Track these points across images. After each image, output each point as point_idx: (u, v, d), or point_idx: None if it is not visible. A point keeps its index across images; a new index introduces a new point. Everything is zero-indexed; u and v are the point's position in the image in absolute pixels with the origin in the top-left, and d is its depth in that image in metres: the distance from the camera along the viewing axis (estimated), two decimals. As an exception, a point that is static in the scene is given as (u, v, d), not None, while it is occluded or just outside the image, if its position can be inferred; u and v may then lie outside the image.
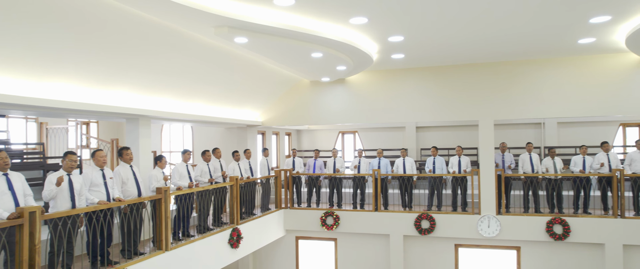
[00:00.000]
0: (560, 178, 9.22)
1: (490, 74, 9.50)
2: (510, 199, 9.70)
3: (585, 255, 8.91)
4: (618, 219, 8.59)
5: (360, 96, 10.42)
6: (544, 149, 12.21)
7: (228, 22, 5.83)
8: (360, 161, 10.44)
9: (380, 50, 8.09)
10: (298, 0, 5.41)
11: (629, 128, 12.24)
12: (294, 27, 6.22)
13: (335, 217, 9.90)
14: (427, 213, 9.44)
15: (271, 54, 7.68)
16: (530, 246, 9.22)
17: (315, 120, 10.88)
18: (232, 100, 9.71)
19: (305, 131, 14.90)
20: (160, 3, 5.12)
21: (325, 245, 10.47)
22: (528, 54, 8.80)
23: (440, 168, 9.94)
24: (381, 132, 14.00)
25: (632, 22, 6.51)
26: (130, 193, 6.29)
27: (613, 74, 8.89)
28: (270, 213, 9.79)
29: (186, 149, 7.80)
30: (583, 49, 8.30)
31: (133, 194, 6.31)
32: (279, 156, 13.43)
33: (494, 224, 9.15)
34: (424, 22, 6.44)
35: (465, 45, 7.86)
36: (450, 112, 9.80)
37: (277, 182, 10.27)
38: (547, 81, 9.22)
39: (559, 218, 8.79)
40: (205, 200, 7.71)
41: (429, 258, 9.74)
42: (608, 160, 9.06)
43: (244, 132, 11.39)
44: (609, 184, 8.91)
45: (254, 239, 8.91)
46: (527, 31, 7.01)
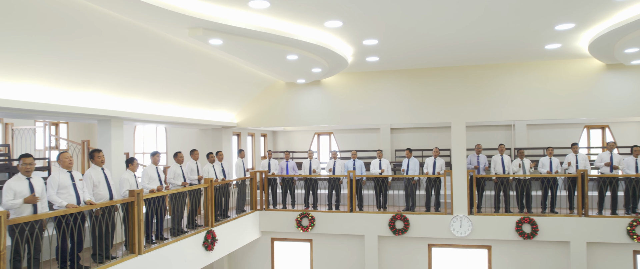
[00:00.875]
0: (529, 179, 9.51)
1: (462, 77, 9.72)
2: (482, 200, 9.95)
3: (552, 253, 9.21)
4: (582, 218, 8.91)
5: (335, 98, 10.50)
6: (514, 150, 12.56)
7: (202, 24, 5.79)
8: (335, 162, 10.52)
9: (355, 53, 8.18)
10: (273, 3, 5.43)
11: (592, 130, 12.72)
12: (269, 29, 6.24)
13: (311, 218, 9.94)
14: (401, 214, 9.59)
15: (246, 56, 7.67)
16: (501, 245, 9.48)
17: (291, 121, 10.90)
18: (207, 101, 9.63)
19: (281, 132, 14.89)
20: (133, 4, 5.05)
21: (301, 246, 10.50)
22: (498, 58, 9.05)
23: (414, 170, 10.10)
24: (356, 134, 14.12)
25: (594, 30, 6.79)
26: (101, 196, 6.18)
27: (578, 78, 9.23)
28: (246, 214, 9.76)
29: (155, 151, 7.70)
30: (550, 54, 8.59)
31: (105, 197, 6.21)
32: (255, 158, 13.39)
33: (466, 224, 9.36)
34: (397, 27, 6.55)
35: (438, 49, 8.03)
36: (423, 114, 9.98)
37: (253, 183, 10.25)
38: (516, 85, 9.50)
39: (528, 218, 9.06)
40: (179, 202, 7.63)
41: (403, 257, 9.89)
42: (576, 161, 9.40)
43: (218, 133, 11.31)
44: (574, 184, 9.24)
45: (229, 241, 8.86)
46: (497, 36, 7.22)
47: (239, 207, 9.93)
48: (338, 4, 5.49)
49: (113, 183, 6.40)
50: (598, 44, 7.18)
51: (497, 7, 5.76)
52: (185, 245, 7.43)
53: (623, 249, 8.89)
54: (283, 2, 5.42)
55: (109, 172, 6.45)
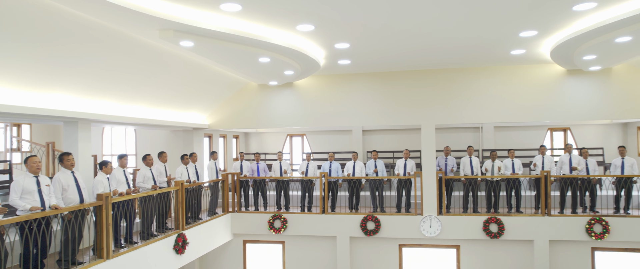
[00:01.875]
0: (498, 180, 9.80)
1: (432, 80, 9.94)
2: (451, 200, 10.19)
3: (517, 251, 9.53)
4: (545, 217, 9.26)
5: (308, 100, 10.55)
6: (482, 151, 12.91)
7: (173, 26, 5.74)
8: (307, 164, 10.57)
9: (327, 56, 8.26)
10: (245, 6, 5.44)
11: (555, 132, 13.22)
12: (241, 32, 6.24)
13: (283, 220, 9.96)
14: (372, 215, 9.72)
15: (218, 57, 7.63)
16: (469, 245, 9.74)
17: (263, 123, 10.89)
18: (178, 102, 9.52)
19: (253, 133, 14.83)
20: (102, 5, 4.96)
21: (273, 248, 10.50)
22: (466, 62, 9.30)
23: (380, 171, 10.24)
24: (329, 136, 14.21)
25: (555, 37, 7.08)
26: (71, 200, 6.03)
27: (541, 83, 9.58)
28: (217, 217, 9.69)
29: (123, 154, 7.57)
30: (515, 59, 8.89)
31: (75, 201, 6.06)
32: (227, 159, 13.30)
33: (436, 224, 9.57)
34: (368, 32, 6.66)
35: (408, 53, 8.19)
36: (394, 116, 10.15)
37: (225, 186, 10.18)
38: (484, 88, 9.79)
39: (495, 217, 9.34)
40: (149, 206, 7.51)
41: (374, 258, 10.03)
42: (542, 162, 9.75)
43: (190, 135, 11.18)
44: (538, 184, 9.59)
45: (200, 244, 8.78)
46: (465, 42, 7.43)
47: (211, 209, 9.85)
48: (309, 8, 5.55)
49: (84, 187, 6.26)
50: (559, 50, 7.49)
51: (464, 15, 5.93)
52: (156, 249, 7.32)
53: (582, 246, 9.28)
54: (255, 6, 5.44)
55: (80, 175, 6.31)
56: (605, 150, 12.44)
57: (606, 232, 8.86)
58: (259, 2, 5.32)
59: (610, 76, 9.30)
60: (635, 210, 9.61)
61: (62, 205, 5.85)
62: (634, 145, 12.19)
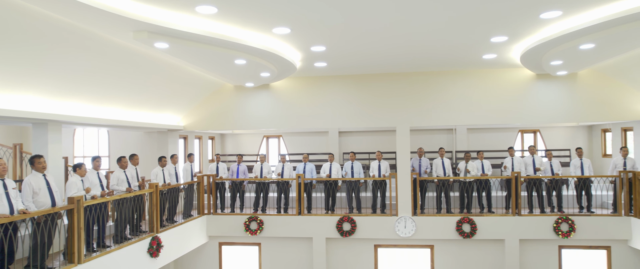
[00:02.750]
0: (470, 181, 10.03)
1: (407, 83, 10.10)
2: (425, 201, 10.37)
3: (489, 250, 9.77)
4: (516, 217, 9.53)
5: (284, 102, 10.57)
6: (456, 153, 13.18)
7: (148, 27, 5.69)
8: (283, 166, 10.58)
9: (304, 58, 8.30)
10: (221, 9, 5.44)
11: (526, 134, 13.61)
12: (217, 34, 6.22)
13: (259, 222, 9.95)
14: (348, 216, 9.81)
15: (193, 59, 7.58)
16: (443, 244, 9.93)
17: (240, 125, 10.85)
18: (152, 104, 9.39)
19: (229, 135, 14.74)
20: (73, 5, 4.87)
21: (249, 250, 10.47)
22: (440, 66, 9.49)
23: (357, 172, 10.35)
24: (305, 137, 14.24)
25: (524, 43, 7.32)
26: (43, 204, 5.89)
27: (512, 86, 9.86)
28: (193, 219, 9.61)
29: (96, 156, 7.45)
30: (487, 63, 9.12)
31: (46, 205, 5.92)
32: (202, 161, 13.18)
33: (410, 225, 9.73)
34: (344, 35, 6.73)
35: (384, 56, 8.31)
36: (370, 118, 10.27)
37: (200, 188, 10.10)
38: (457, 91, 10.00)
39: (467, 218, 9.56)
40: (123, 209, 7.40)
41: (350, 258, 10.12)
42: (512, 163, 10.03)
43: (164, 136, 11.04)
44: (509, 185, 9.87)
45: (175, 247, 8.70)
46: (438, 46, 7.59)
47: (186, 212, 9.76)
48: (285, 11, 5.58)
49: (56, 190, 6.12)
50: (528, 56, 7.74)
51: (438, 20, 6.07)
52: (129, 252, 7.22)
53: (550, 245, 9.60)
54: (231, 8, 5.44)
55: (52, 178, 6.17)
56: (572, 151, 12.88)
57: (572, 230, 9.18)
58: (235, 5, 5.32)
59: (576, 80, 9.66)
60: (598, 209, 10.00)
61: (33, 209, 5.71)
62: (599, 147, 12.67)
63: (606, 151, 12.40)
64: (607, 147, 12.35)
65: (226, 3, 5.24)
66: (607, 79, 9.52)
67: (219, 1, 5.17)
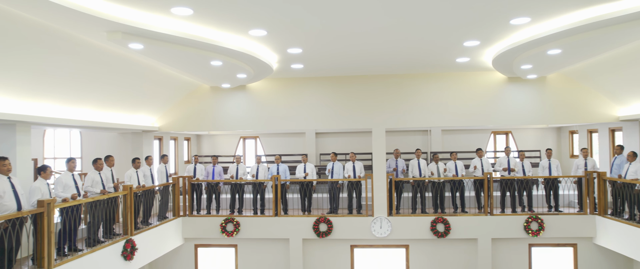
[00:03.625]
0: (443, 181, 10.23)
1: (383, 85, 10.23)
2: (400, 201, 10.53)
3: (462, 249, 9.99)
4: (488, 216, 9.78)
5: (261, 103, 10.56)
6: (430, 154, 13.41)
7: (122, 28, 5.61)
8: (258, 167, 10.57)
9: (280, 60, 8.33)
10: (197, 11, 5.42)
11: (498, 136, 13.96)
12: (193, 36, 6.19)
13: (236, 223, 9.91)
14: (325, 217, 9.88)
15: (169, 60, 7.51)
16: (417, 244, 10.10)
17: (216, 126, 10.78)
18: (126, 104, 9.24)
19: (205, 136, 14.62)
20: (45, 5, 4.77)
21: (226, 252, 10.41)
22: (415, 68, 9.65)
23: (338, 173, 10.44)
24: (282, 138, 14.25)
25: (496, 47, 7.53)
26: (7, 208, 5.72)
27: (484, 89, 10.11)
28: (168, 221, 9.51)
29: (71, 158, 7.29)
30: (460, 66, 9.33)
31: (11, 209, 5.76)
32: (178, 162, 13.03)
33: (386, 225, 9.86)
34: (320, 38, 6.79)
35: (360, 58, 8.41)
36: (347, 120, 10.36)
37: (175, 189, 10.00)
38: (432, 93, 10.19)
39: (441, 218, 9.75)
40: (96, 211, 7.27)
41: (326, 259, 10.19)
42: (481, 164, 10.28)
43: (139, 137, 10.88)
44: (481, 185, 10.11)
45: (149, 249, 8.59)
46: (413, 50, 7.73)
47: (161, 214, 9.64)
48: (262, 14, 5.60)
49: (22, 193, 5.96)
50: (499, 59, 7.96)
51: (413, 25, 6.20)
52: (102, 256, 7.10)
53: (520, 243, 9.88)
54: (207, 10, 5.42)
55: (17, 181, 6.00)
56: (542, 152, 13.28)
57: (541, 229, 9.47)
58: (211, 7, 5.31)
59: (545, 84, 9.97)
60: (565, 208, 10.36)
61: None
62: (567, 148, 13.10)
63: (574, 152, 12.84)
64: (575, 148, 12.79)
65: (202, 5, 5.23)
66: (575, 83, 9.87)
67: (194, 3, 5.15)
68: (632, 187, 8.33)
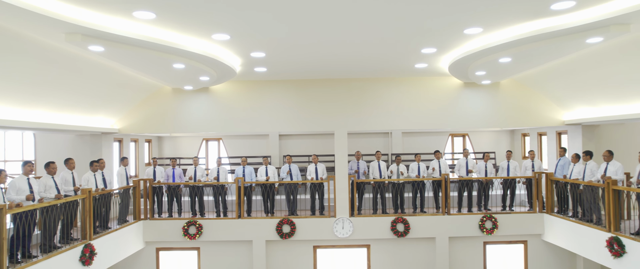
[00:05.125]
0: (403, 182, 10.56)
1: (345, 88, 10.46)
2: (362, 202, 10.78)
3: (421, 248, 10.35)
4: (445, 216, 10.17)
5: (224, 105, 10.55)
6: (391, 156, 13.76)
7: (82, 30, 5.53)
8: (218, 169, 10.56)
9: (243, 63, 8.38)
10: (159, 15, 5.42)
11: (456, 138, 14.49)
12: (155, 39, 6.16)
13: (198, 226, 9.87)
14: (288, 218, 9.99)
15: (130, 62, 7.42)
16: (378, 243, 10.38)
17: (178, 128, 10.69)
18: (84, 106, 9.01)
19: (166, 137, 14.40)
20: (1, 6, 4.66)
21: (188, 255, 10.34)
22: (377, 73, 9.92)
23: (295, 175, 10.57)
24: (245, 140, 14.24)
25: (451, 54, 7.90)
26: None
27: (442, 93, 10.52)
28: (128, 225, 9.36)
29: (27, 161, 7.08)
30: (419, 72, 9.68)
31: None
32: (138, 165, 12.79)
33: (348, 226, 10.08)
34: (283, 43, 6.91)
35: (322, 63, 8.58)
36: (310, 122, 10.52)
37: (136, 192, 9.85)
38: (392, 97, 10.51)
39: (401, 218, 10.07)
40: (52, 216, 7.08)
41: (290, 260, 10.30)
42: (439, 166, 10.68)
43: (98, 139, 10.63)
44: (439, 186, 10.50)
45: (109, 254, 8.43)
46: (374, 56, 7.98)
47: (121, 217, 9.47)
48: (225, 19, 5.66)
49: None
50: (455, 66, 8.34)
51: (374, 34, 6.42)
52: (59, 262, 6.94)
53: (476, 241, 10.34)
54: (169, 15, 5.44)
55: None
56: (497, 154, 13.90)
57: (495, 227, 9.95)
58: (174, 12, 5.33)
59: (499, 89, 10.49)
60: (518, 207, 10.92)
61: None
62: (519, 149, 13.78)
63: (525, 154, 13.51)
64: (526, 150, 13.47)
65: (165, 9, 5.24)
66: (526, 89, 10.43)
67: (157, 7, 5.16)
68: (577, 187, 8.91)
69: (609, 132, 10.81)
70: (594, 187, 8.36)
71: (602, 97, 8.73)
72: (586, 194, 8.56)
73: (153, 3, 5.01)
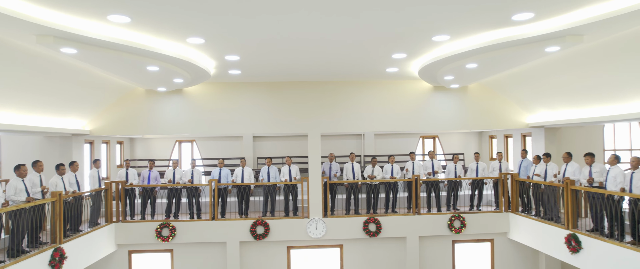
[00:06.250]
0: (377, 183, 10.79)
1: (318, 91, 10.63)
2: (335, 203, 10.97)
3: (393, 247, 10.62)
4: (416, 216, 10.47)
5: (198, 107, 10.56)
6: (364, 157, 14.02)
7: (54, 33, 5.50)
8: (192, 171, 10.56)
9: (218, 66, 8.44)
10: (134, 19, 5.45)
11: (426, 139, 14.89)
12: (130, 42, 6.18)
13: (172, 228, 9.85)
14: (261, 219, 10.08)
15: (103, 64, 7.38)
16: (351, 243, 10.59)
17: (151, 130, 10.63)
18: (54, 107, 8.85)
19: (139, 139, 14.24)
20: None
21: (161, 257, 10.30)
22: (349, 76, 10.13)
23: (274, 177, 10.69)
24: (219, 141, 14.23)
25: (421, 60, 8.17)
26: None
27: (413, 97, 10.82)
28: (100, 227, 9.26)
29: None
30: (391, 75, 9.94)
31: None
32: (110, 166, 12.62)
33: (321, 226, 10.25)
34: (257, 47, 7.00)
35: (296, 66, 8.72)
36: (283, 124, 10.64)
37: (108, 194, 9.75)
38: (365, 100, 10.74)
39: (373, 218, 10.31)
40: (20, 220, 6.97)
41: (264, 261, 10.39)
42: (413, 167, 10.97)
43: (68, 141, 10.45)
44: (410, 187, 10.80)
45: (80, 257, 8.35)
46: (347, 60, 8.17)
47: (93, 220, 9.36)
48: (200, 24, 5.73)
49: None
50: (425, 71, 8.63)
51: (347, 39, 6.60)
52: (27, 266, 6.84)
53: (445, 240, 10.68)
54: (145, 19, 5.47)
55: None
56: (466, 155, 14.35)
57: (463, 226, 10.31)
58: (149, 16, 5.37)
59: (467, 93, 10.87)
60: (486, 206, 11.34)
61: None
62: (487, 151, 14.27)
63: (493, 155, 14.00)
64: (494, 152, 13.96)
65: (140, 14, 5.27)
66: (493, 93, 10.85)
67: (133, 12, 5.19)
68: (538, 186, 9.35)
69: (570, 134, 11.37)
70: (554, 187, 8.80)
71: (562, 102, 9.20)
72: (547, 193, 9.00)
73: (129, 8, 5.05)
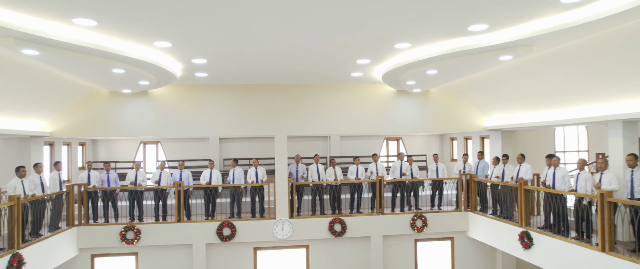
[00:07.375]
0: (340, 184, 11.05)
1: (285, 94, 10.78)
2: (301, 204, 11.14)
3: (357, 246, 10.88)
4: (380, 216, 10.78)
5: (164, 108, 10.49)
6: (329, 159, 14.27)
7: (15, 34, 5.42)
8: (161, 173, 10.49)
9: (185, 69, 8.45)
10: (101, 22, 5.44)
11: (390, 141, 15.29)
12: (95, 45, 6.14)
13: (136, 231, 9.76)
14: (228, 221, 10.13)
15: (66, 66, 7.27)
16: (317, 243, 10.79)
17: (115, 131, 10.47)
18: (11, 109, 8.58)
19: (102, 140, 13.95)
20: None
21: (125, 260, 10.17)
22: (315, 79, 10.33)
23: (239, 179, 10.75)
24: (185, 143, 14.14)
25: (384, 65, 8.48)
26: None
27: (378, 100, 11.14)
28: (61, 232, 9.07)
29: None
30: (356, 80, 10.21)
31: None
32: (71, 169, 12.32)
33: (287, 227, 10.40)
34: (224, 51, 7.10)
35: (262, 69, 8.84)
36: (250, 127, 10.73)
37: (70, 197, 9.55)
38: (330, 102, 10.97)
39: (338, 218, 10.54)
40: (-23, 225, 6.78)
41: (230, 262, 10.44)
42: (376, 168, 11.28)
43: (26, 143, 10.14)
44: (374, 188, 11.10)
45: (39, 263, 8.15)
46: (312, 64, 8.36)
47: (53, 224, 9.15)
48: (166, 28, 5.78)
49: None
50: (388, 76, 8.95)
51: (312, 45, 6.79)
52: (-15, 272, 6.67)
53: (408, 239, 11.05)
54: (111, 22, 5.47)
55: None
56: (428, 156, 14.84)
57: (425, 225, 10.69)
58: (116, 20, 5.38)
59: (428, 97, 11.29)
60: (446, 206, 11.79)
61: None
62: (448, 152, 14.81)
63: (453, 156, 14.55)
64: (454, 153, 14.51)
65: (107, 18, 5.28)
66: (453, 97, 11.31)
67: (99, 15, 5.19)
68: (496, 187, 9.84)
69: (524, 137, 11.99)
70: (511, 187, 9.30)
71: (517, 106, 9.73)
72: (504, 193, 9.50)
73: (95, 11, 5.05)
